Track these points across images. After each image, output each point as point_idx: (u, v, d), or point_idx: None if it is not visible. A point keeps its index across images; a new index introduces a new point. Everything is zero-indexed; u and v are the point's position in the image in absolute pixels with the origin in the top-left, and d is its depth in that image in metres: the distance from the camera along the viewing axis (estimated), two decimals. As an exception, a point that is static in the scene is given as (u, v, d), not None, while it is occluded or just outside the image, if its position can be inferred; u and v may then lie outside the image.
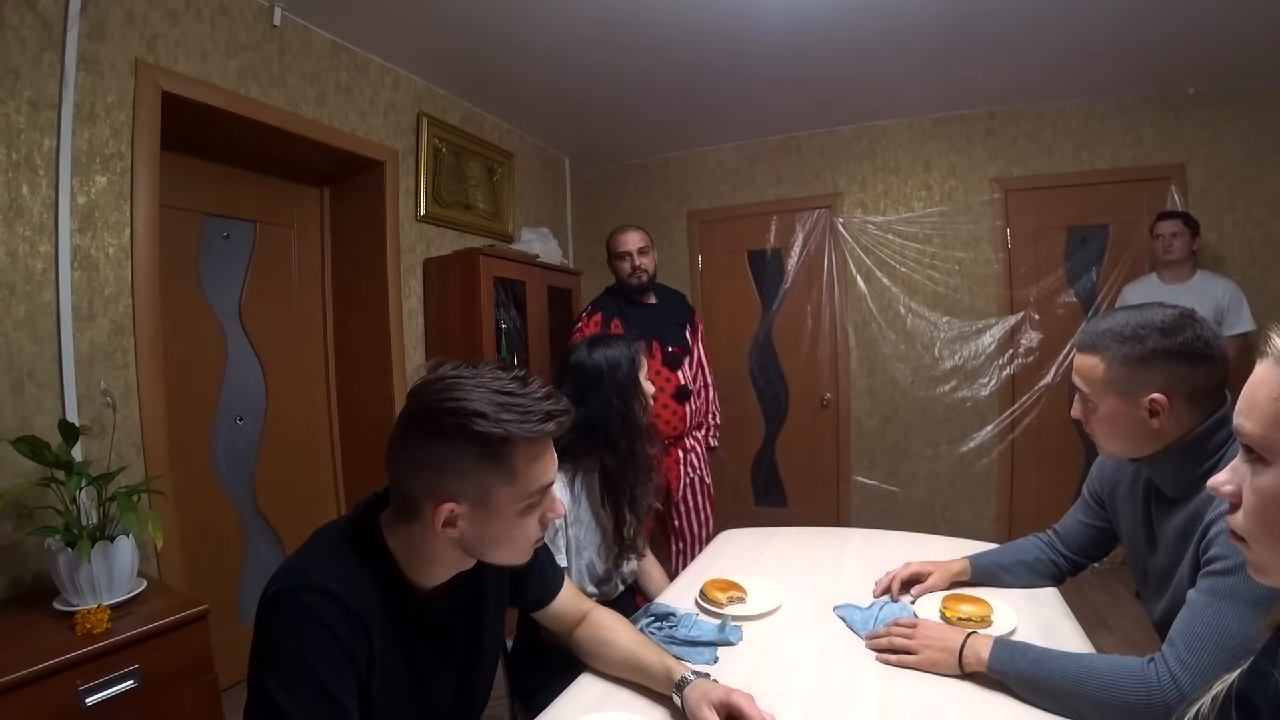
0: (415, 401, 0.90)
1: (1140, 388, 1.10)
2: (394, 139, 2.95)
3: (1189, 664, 0.94)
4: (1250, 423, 0.58)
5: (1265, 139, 3.48)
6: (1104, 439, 1.20)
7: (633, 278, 2.82)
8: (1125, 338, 1.12)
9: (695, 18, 2.64)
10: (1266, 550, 0.59)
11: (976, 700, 1.09)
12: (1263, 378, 0.58)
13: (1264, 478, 0.57)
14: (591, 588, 1.60)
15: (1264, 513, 0.57)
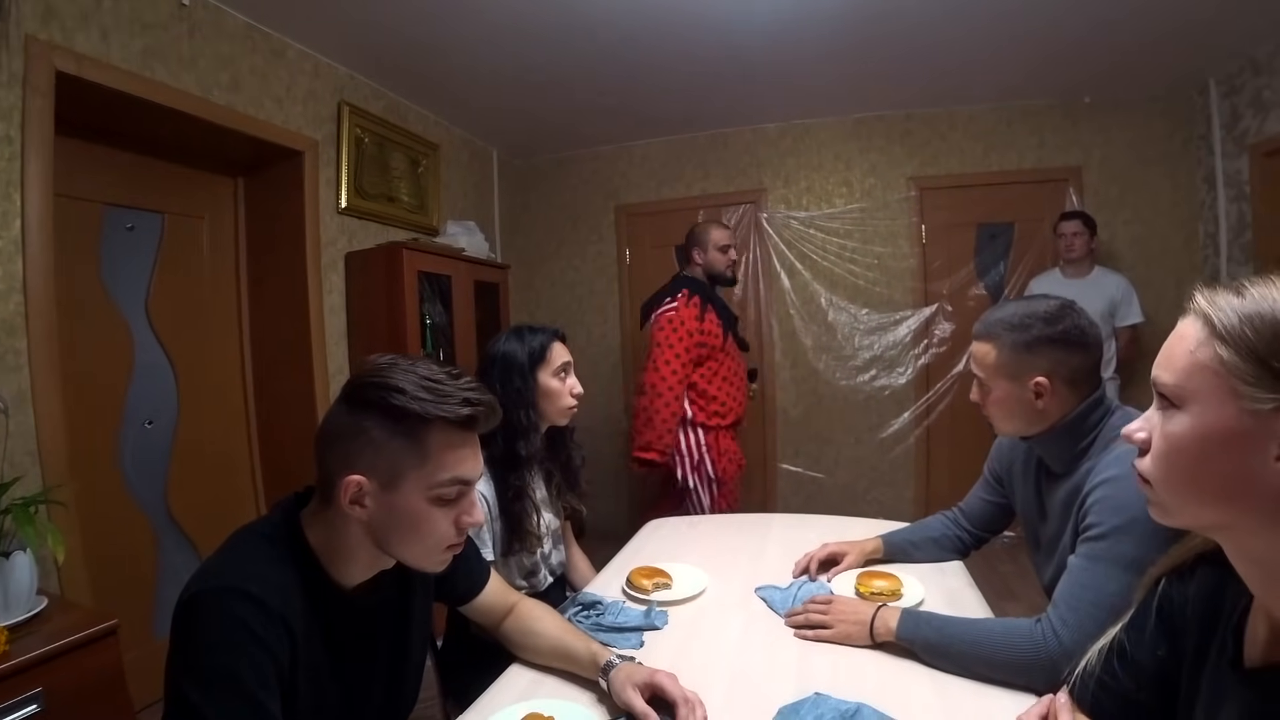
0: (348, 381, 0.92)
1: (1027, 371, 1.21)
2: (313, 128, 2.86)
3: (1069, 621, 1.04)
4: (1167, 374, 0.63)
5: (1151, 146, 3.79)
6: (998, 420, 1.31)
7: (729, 270, 2.96)
8: (1013, 326, 1.23)
9: (627, 13, 2.66)
10: (1169, 491, 0.64)
11: (887, 668, 1.17)
12: (1182, 333, 0.63)
13: (1174, 423, 0.62)
14: (520, 580, 1.61)
15: (1171, 455, 0.63)
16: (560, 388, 1.62)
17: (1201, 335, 0.60)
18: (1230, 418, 0.57)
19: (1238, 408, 0.57)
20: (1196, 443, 0.60)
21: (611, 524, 4.32)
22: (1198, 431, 0.60)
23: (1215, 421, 0.58)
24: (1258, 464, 0.56)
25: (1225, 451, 0.58)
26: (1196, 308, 0.61)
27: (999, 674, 1.08)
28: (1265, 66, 3.23)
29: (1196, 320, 0.61)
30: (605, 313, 4.52)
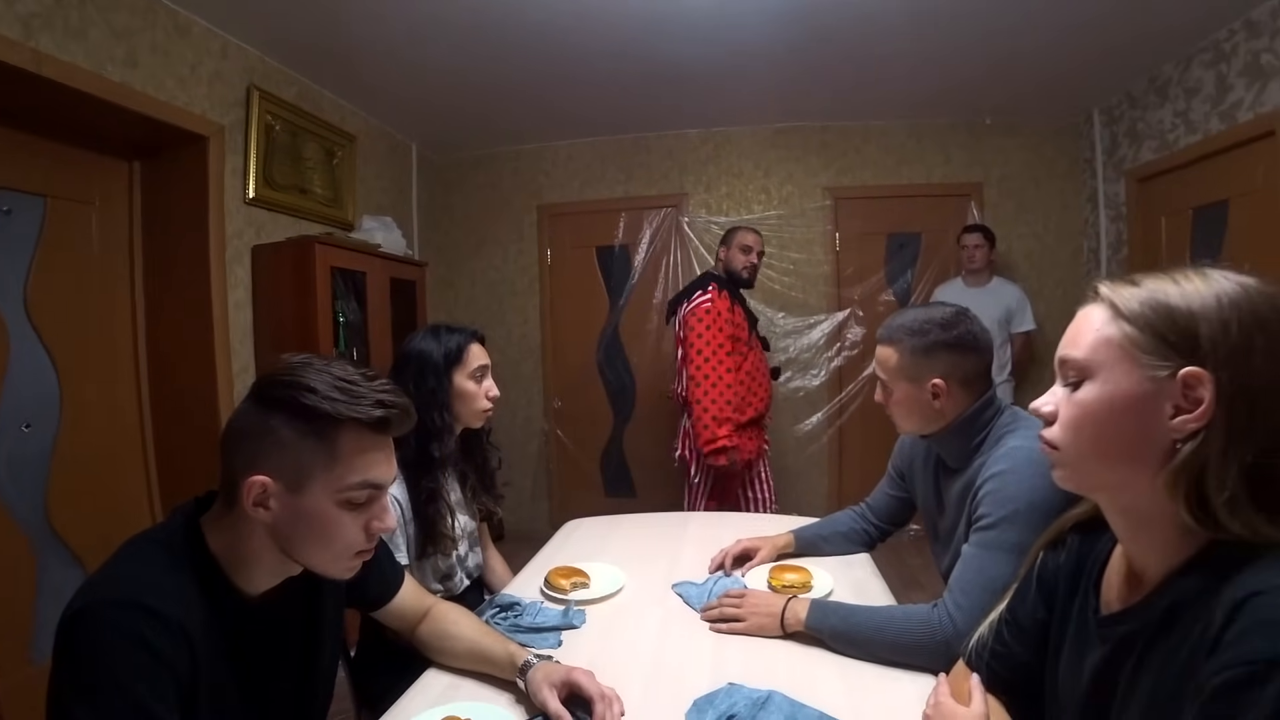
0: (257, 378, 0.88)
1: (925, 374, 1.30)
2: (220, 112, 2.70)
3: (962, 605, 1.12)
4: (1076, 350, 0.71)
5: (1043, 167, 4.10)
6: (899, 419, 1.40)
7: (745, 270, 2.97)
8: (913, 331, 1.31)
9: (552, 11, 2.65)
10: (1078, 453, 0.72)
11: (797, 656, 1.22)
12: (1088, 314, 0.71)
13: (1083, 393, 0.70)
14: (435, 584, 1.58)
15: (1080, 420, 0.70)
16: (476, 390, 1.59)
17: (1106, 316, 0.69)
18: (1134, 384, 0.66)
19: (1139, 375, 0.65)
20: (1105, 407, 0.68)
21: (532, 526, 4.30)
22: (1106, 397, 0.68)
23: (1121, 388, 0.67)
24: (1155, 424, 0.64)
25: (1128, 414, 0.66)
26: (1101, 294, 0.70)
27: (901, 657, 1.15)
28: (1140, 101, 3.55)
29: (1101, 305, 0.70)
30: (526, 313, 4.48)
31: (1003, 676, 0.89)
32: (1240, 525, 0.59)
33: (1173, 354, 0.63)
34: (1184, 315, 0.63)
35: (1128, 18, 2.82)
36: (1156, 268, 0.66)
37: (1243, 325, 0.61)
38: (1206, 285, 0.64)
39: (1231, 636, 0.54)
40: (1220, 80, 2.99)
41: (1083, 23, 2.86)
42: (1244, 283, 0.64)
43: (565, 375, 4.46)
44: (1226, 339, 0.61)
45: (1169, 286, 0.66)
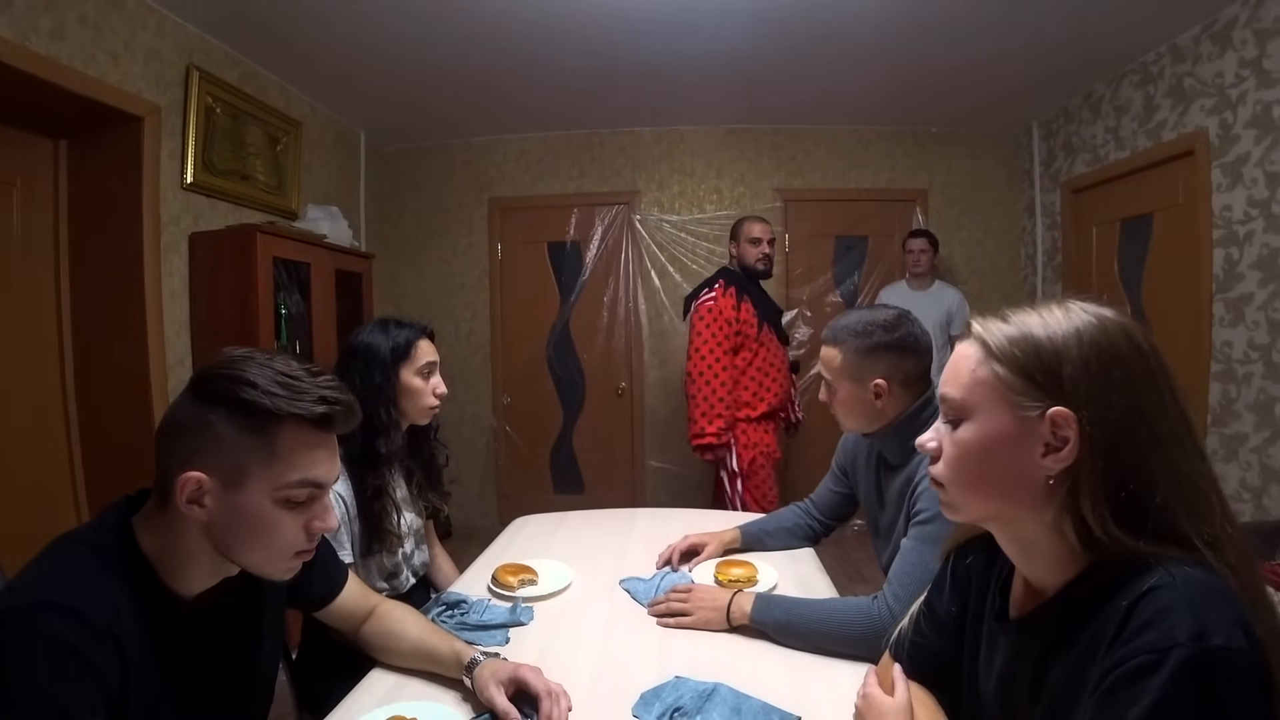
0: (196, 371, 0.85)
1: (868, 374, 1.34)
2: (156, 92, 2.58)
3: (900, 596, 1.16)
4: (954, 390, 0.74)
5: (984, 176, 4.25)
6: (843, 417, 1.44)
7: (760, 263, 2.96)
8: (857, 333, 1.36)
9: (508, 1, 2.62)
10: (959, 489, 0.75)
11: (742, 649, 1.24)
12: (964, 353, 0.74)
13: (962, 432, 0.73)
14: (381, 582, 1.55)
15: (960, 460, 0.74)
16: (423, 387, 1.56)
17: (980, 356, 0.71)
18: (1007, 424, 0.69)
19: (1011, 415, 0.68)
20: (981, 446, 0.71)
21: (480, 524, 4.25)
22: (982, 437, 0.71)
23: (995, 427, 0.70)
24: (1029, 461, 0.67)
25: (1004, 452, 0.69)
26: (974, 333, 0.73)
27: (842, 647, 1.19)
28: (1075, 116, 3.72)
29: (975, 343, 0.72)
30: (475, 308, 4.42)
31: (922, 666, 0.93)
32: (1121, 548, 0.63)
33: (1040, 394, 0.66)
34: (1049, 355, 0.67)
35: (1066, 38, 2.96)
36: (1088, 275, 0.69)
37: (1101, 361, 0.66)
38: (1069, 322, 0.68)
39: (1128, 632, 0.60)
40: (1148, 100, 3.15)
41: (1024, 42, 2.99)
42: (1101, 316, 0.68)
43: (515, 371, 4.42)
44: (1087, 377, 0.65)
45: (1035, 325, 0.69)
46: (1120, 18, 2.77)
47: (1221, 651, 0.55)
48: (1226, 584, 0.60)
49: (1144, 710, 0.56)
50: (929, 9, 2.71)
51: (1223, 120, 2.73)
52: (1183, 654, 0.55)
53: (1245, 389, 2.66)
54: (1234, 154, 2.68)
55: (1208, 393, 2.82)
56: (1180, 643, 0.56)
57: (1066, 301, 0.71)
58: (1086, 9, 2.69)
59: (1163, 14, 2.77)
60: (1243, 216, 2.65)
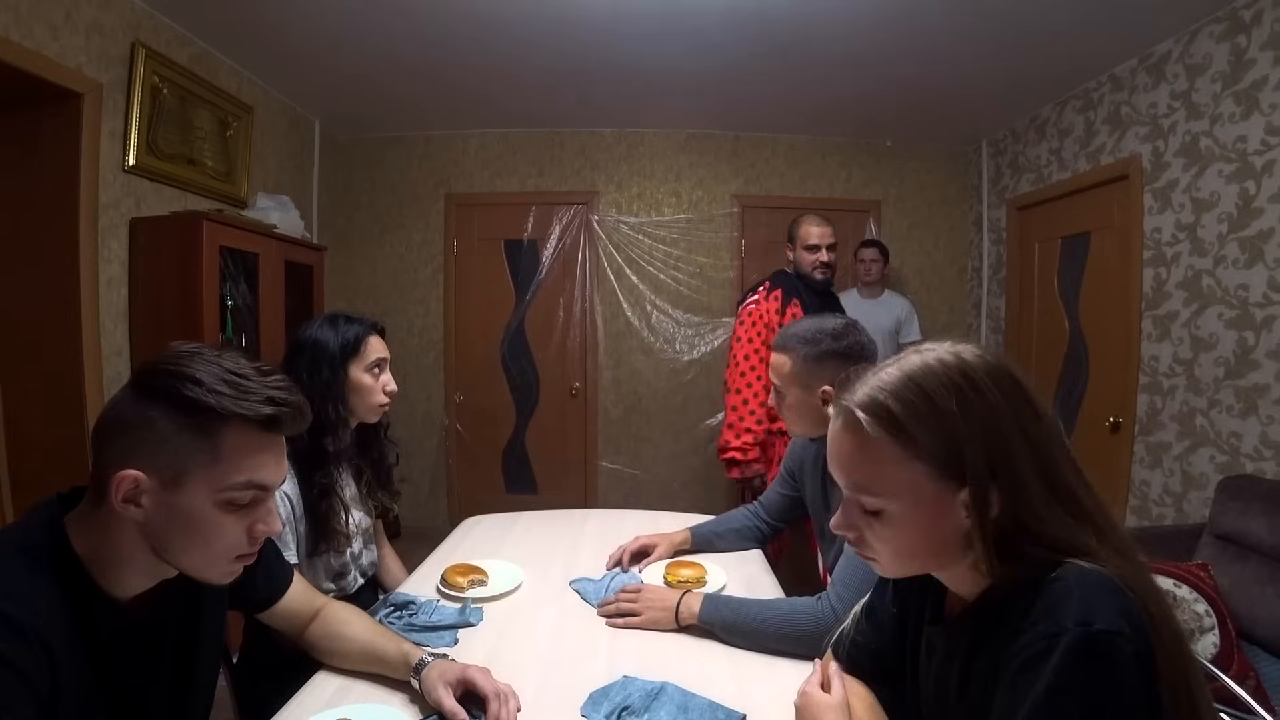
0: (140, 366, 0.82)
1: (816, 380, 1.39)
2: (99, 69, 2.47)
3: (844, 597, 1.20)
4: (870, 479, 0.76)
5: (935, 190, 4.39)
6: (791, 422, 1.49)
7: (818, 272, 2.72)
8: (806, 340, 1.41)
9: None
10: (895, 563, 0.79)
11: (689, 649, 1.26)
12: (875, 446, 0.75)
13: (886, 523, 0.76)
14: (328, 583, 1.53)
15: (892, 542, 0.77)
16: (372, 384, 1.53)
17: (877, 445, 0.74)
18: (931, 508, 0.73)
19: (936, 504, 0.73)
20: (907, 530, 0.75)
21: (430, 523, 4.20)
22: (907, 522, 0.75)
23: (917, 511, 0.74)
24: (952, 525, 0.73)
25: (929, 528, 0.74)
26: (866, 425, 0.74)
27: (788, 646, 1.22)
28: (1022, 136, 3.87)
29: (869, 433, 0.74)
30: (428, 304, 4.36)
31: (863, 664, 0.97)
32: (1024, 569, 0.70)
33: (959, 476, 0.71)
34: (956, 440, 0.71)
35: (1016, 63, 3.09)
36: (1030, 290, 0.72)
37: (999, 425, 0.71)
38: (962, 397, 0.71)
39: (1027, 624, 0.67)
40: (1088, 125, 3.30)
41: (978, 64, 3.11)
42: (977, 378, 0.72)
43: (467, 369, 4.38)
44: (988, 453, 0.70)
45: (938, 409, 0.72)
46: (1066, 46, 2.91)
47: (1105, 634, 0.62)
48: (1107, 575, 0.67)
49: (1041, 691, 0.62)
50: (890, 27, 2.78)
51: (1155, 148, 2.88)
52: (1071, 638, 0.62)
53: (1170, 401, 2.80)
54: (1164, 180, 2.83)
55: (1136, 404, 2.97)
56: (1068, 628, 0.63)
57: (939, 353, 0.76)
58: (1037, 36, 2.80)
59: (1104, 44, 2.91)
60: (1170, 239, 2.80)
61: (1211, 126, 2.60)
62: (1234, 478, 2.28)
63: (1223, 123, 2.55)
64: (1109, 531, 0.72)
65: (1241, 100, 2.47)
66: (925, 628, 0.87)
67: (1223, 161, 2.55)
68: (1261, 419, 2.38)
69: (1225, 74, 2.54)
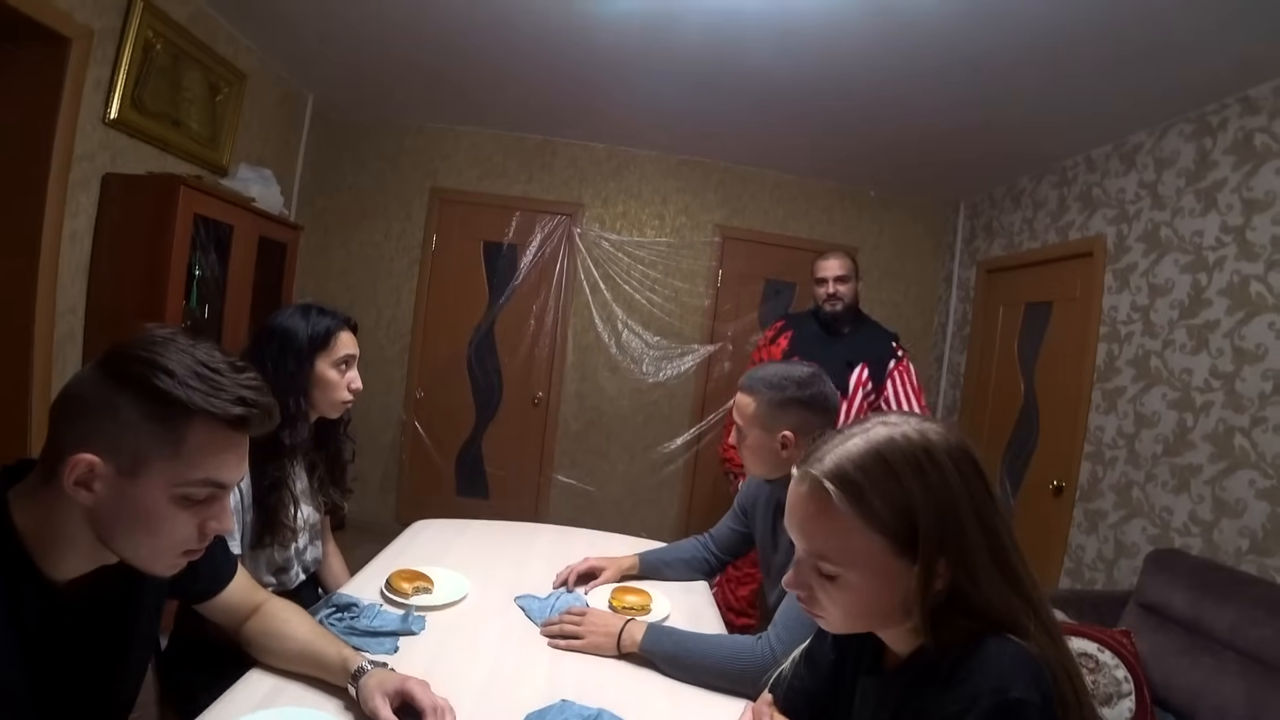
0: (111, 345, 0.80)
1: (777, 425, 1.43)
2: (91, 15, 2.38)
3: (784, 638, 1.22)
4: (827, 544, 0.79)
5: (910, 245, 4.53)
6: (749, 462, 1.52)
7: (828, 304, 2.75)
8: (772, 385, 1.45)
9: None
10: (845, 623, 0.83)
11: (629, 677, 1.27)
12: (826, 508, 0.78)
13: (841, 588, 0.79)
14: (268, 577, 1.49)
15: (845, 606, 0.80)
16: (338, 380, 1.50)
17: (839, 515, 0.77)
18: (887, 581, 0.76)
19: (892, 575, 0.76)
20: (860, 595, 0.79)
21: (376, 518, 4.14)
22: (861, 588, 0.78)
23: (873, 579, 0.77)
24: (902, 593, 0.76)
25: (881, 595, 0.77)
26: (832, 495, 0.77)
27: (726, 683, 1.24)
28: (998, 203, 4.01)
29: (833, 502, 0.77)
30: (400, 295, 4.32)
31: (798, 706, 1.01)
32: (952, 635, 0.75)
33: (911, 551, 0.75)
34: (913, 513, 0.74)
35: (999, 133, 3.23)
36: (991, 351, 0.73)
37: (948, 501, 0.75)
38: (922, 474, 0.76)
39: (951, 686, 0.72)
40: (1061, 200, 3.44)
41: (963, 131, 3.23)
42: (933, 452, 0.77)
43: (432, 366, 4.33)
44: (940, 527, 0.74)
45: (900, 484, 0.76)
46: (1048, 125, 3.05)
47: (1016, 702, 0.68)
48: (1029, 651, 0.72)
49: None
50: (881, 91, 2.89)
51: (1119, 230, 3.01)
52: (985, 703, 0.68)
53: (1110, 471, 2.91)
54: (1125, 262, 2.96)
55: (1079, 471, 3.08)
56: (985, 693, 0.69)
57: (904, 428, 0.79)
58: (1021, 112, 2.93)
59: (1083, 128, 3.05)
60: (1126, 318, 2.93)
61: (1173, 218, 2.73)
62: (1162, 551, 2.37)
63: (1183, 216, 2.68)
64: (1042, 612, 0.77)
65: (1202, 197, 2.61)
66: (861, 678, 0.90)
67: (1179, 252, 2.68)
68: (1193, 497, 2.49)
69: (1190, 171, 2.67)
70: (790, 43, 2.61)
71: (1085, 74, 2.53)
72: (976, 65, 2.58)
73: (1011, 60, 2.50)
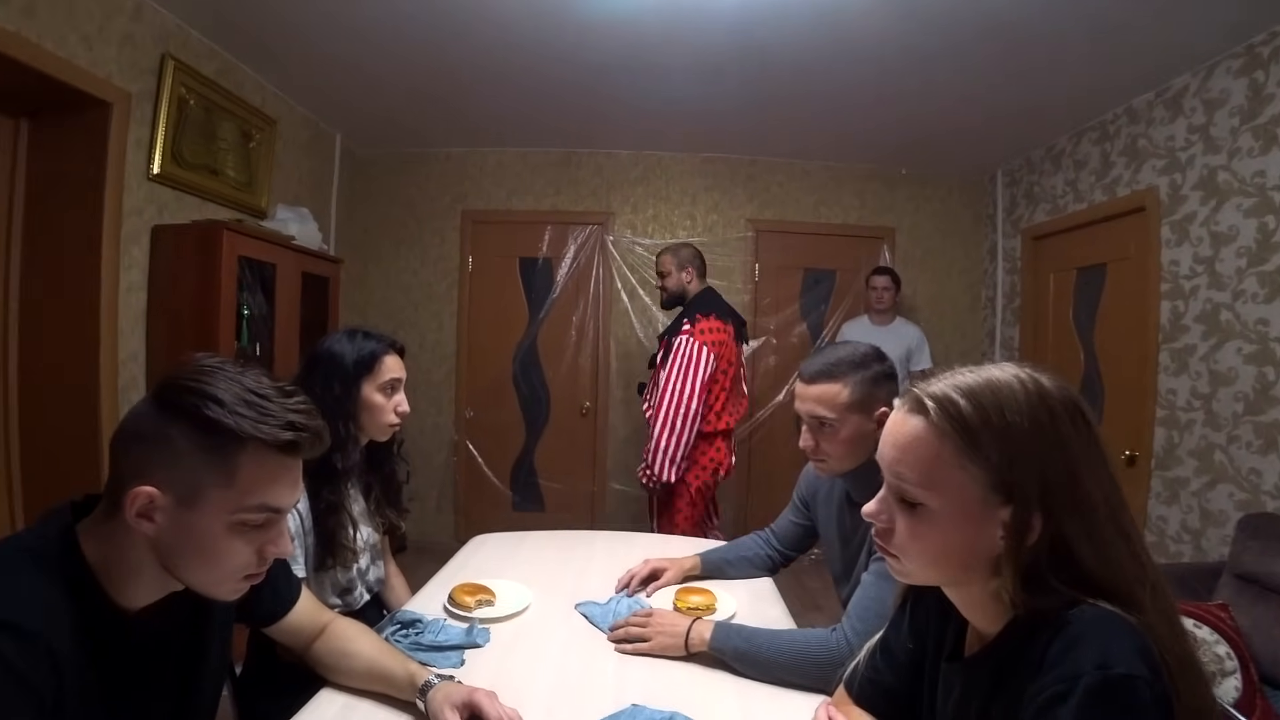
0: (163, 377, 0.81)
1: (874, 404, 1.35)
2: (129, 79, 2.51)
3: (859, 629, 1.18)
4: (911, 470, 0.75)
5: (949, 219, 4.40)
6: (839, 456, 1.39)
7: (661, 292, 3.12)
8: (857, 365, 1.36)
9: (493, 18, 2.63)
10: (917, 565, 0.77)
11: (698, 677, 1.24)
12: (919, 435, 0.74)
13: (922, 517, 0.74)
14: (334, 598, 1.51)
15: (920, 540, 0.75)
16: (384, 404, 1.51)
17: (940, 441, 0.72)
18: (971, 514, 0.71)
19: (975, 502, 0.71)
20: (939, 531, 0.74)
21: (436, 539, 4.18)
22: (941, 521, 0.73)
23: (956, 513, 0.72)
24: (987, 541, 0.71)
25: (964, 536, 0.72)
26: (932, 414, 0.73)
27: (800, 678, 1.19)
28: (1037, 167, 3.87)
29: (931, 427, 0.73)
30: (441, 319, 4.38)
31: (875, 700, 0.95)
32: (1047, 602, 0.69)
33: (1005, 488, 0.70)
34: (1017, 459, 0.69)
35: (1030, 93, 3.10)
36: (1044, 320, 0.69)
37: (1056, 446, 0.70)
38: (1026, 405, 0.70)
39: (1045, 666, 0.66)
40: (1105, 157, 3.30)
41: (991, 94, 3.11)
42: (1047, 395, 0.71)
43: (479, 386, 4.38)
44: (1044, 480, 0.68)
45: (994, 414, 0.70)
46: (1083, 78, 2.91)
47: (1123, 678, 0.61)
48: (1130, 620, 0.66)
49: None
50: (904, 60, 2.81)
51: (1172, 180, 2.87)
52: (1089, 681, 0.62)
53: (1187, 435, 2.77)
54: (1181, 213, 2.82)
55: (1153, 438, 2.93)
56: (1087, 671, 0.62)
57: (1018, 372, 0.73)
58: (1052, 68, 2.82)
59: (1120, 77, 2.91)
60: (1188, 272, 2.78)
61: (1230, 160, 2.59)
62: (1255, 515, 2.24)
63: (1241, 157, 2.54)
64: (1159, 584, 0.70)
65: (1260, 135, 2.46)
66: (942, 665, 0.85)
67: (1241, 196, 2.54)
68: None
69: (1243, 108, 2.54)
70: (805, 22, 2.56)
71: (1119, 18, 2.42)
72: (998, 22, 2.48)
73: (1040, 11, 2.41)
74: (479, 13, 2.62)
